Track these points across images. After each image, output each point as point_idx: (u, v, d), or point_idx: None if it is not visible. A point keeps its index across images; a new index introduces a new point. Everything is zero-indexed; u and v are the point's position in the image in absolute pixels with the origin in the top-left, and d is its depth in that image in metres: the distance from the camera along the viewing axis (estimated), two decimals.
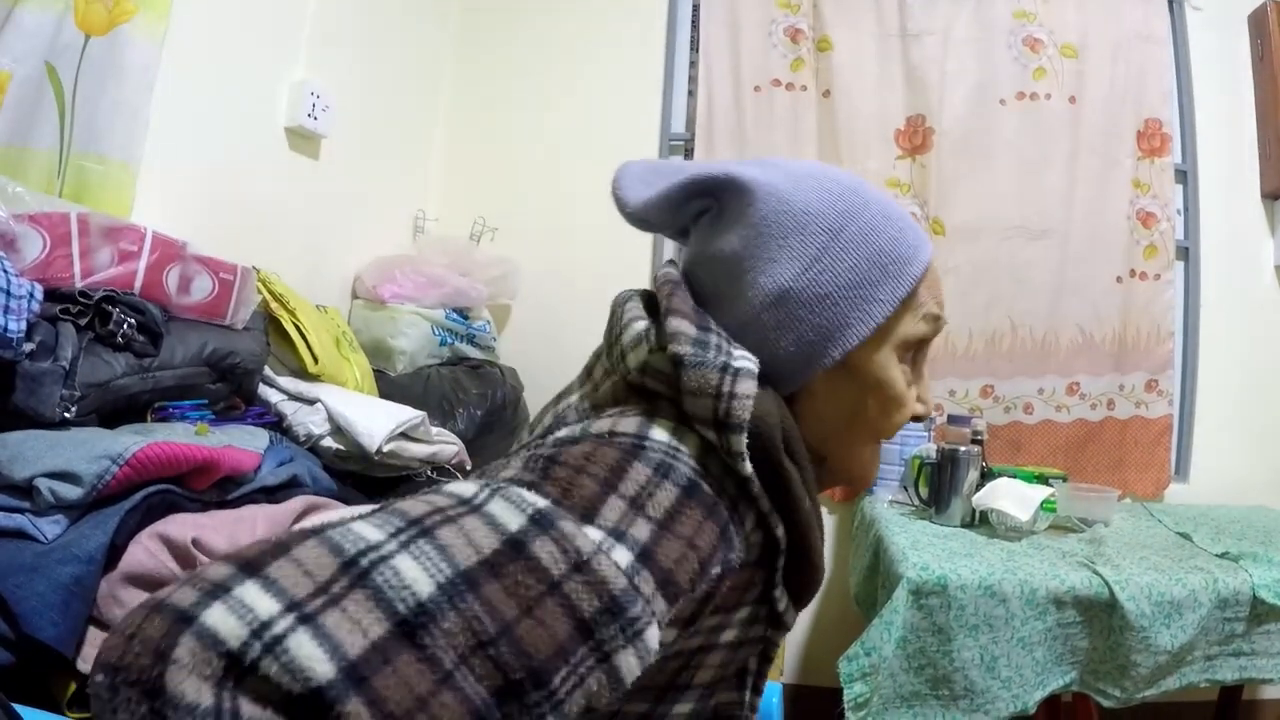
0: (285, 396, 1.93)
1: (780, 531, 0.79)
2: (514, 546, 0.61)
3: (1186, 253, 3.08)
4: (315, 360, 2.05)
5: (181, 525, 1.32)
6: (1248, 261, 3.06)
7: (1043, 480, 2.46)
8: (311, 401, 1.92)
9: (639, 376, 0.81)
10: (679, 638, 0.72)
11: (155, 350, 1.55)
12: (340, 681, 0.50)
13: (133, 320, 1.51)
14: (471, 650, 0.55)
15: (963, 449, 2.38)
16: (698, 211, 0.89)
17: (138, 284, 1.58)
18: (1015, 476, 2.40)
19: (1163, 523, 2.56)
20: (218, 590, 0.52)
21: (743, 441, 0.73)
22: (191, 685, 0.48)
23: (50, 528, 1.22)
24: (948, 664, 1.86)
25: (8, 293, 1.27)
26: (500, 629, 0.57)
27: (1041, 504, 2.26)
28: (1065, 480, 2.58)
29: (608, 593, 0.61)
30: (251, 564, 0.54)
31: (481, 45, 3.33)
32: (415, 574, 0.56)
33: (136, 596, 1.24)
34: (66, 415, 1.37)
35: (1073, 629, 1.90)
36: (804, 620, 3.12)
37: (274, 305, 2.05)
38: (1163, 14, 3.06)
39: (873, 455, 0.93)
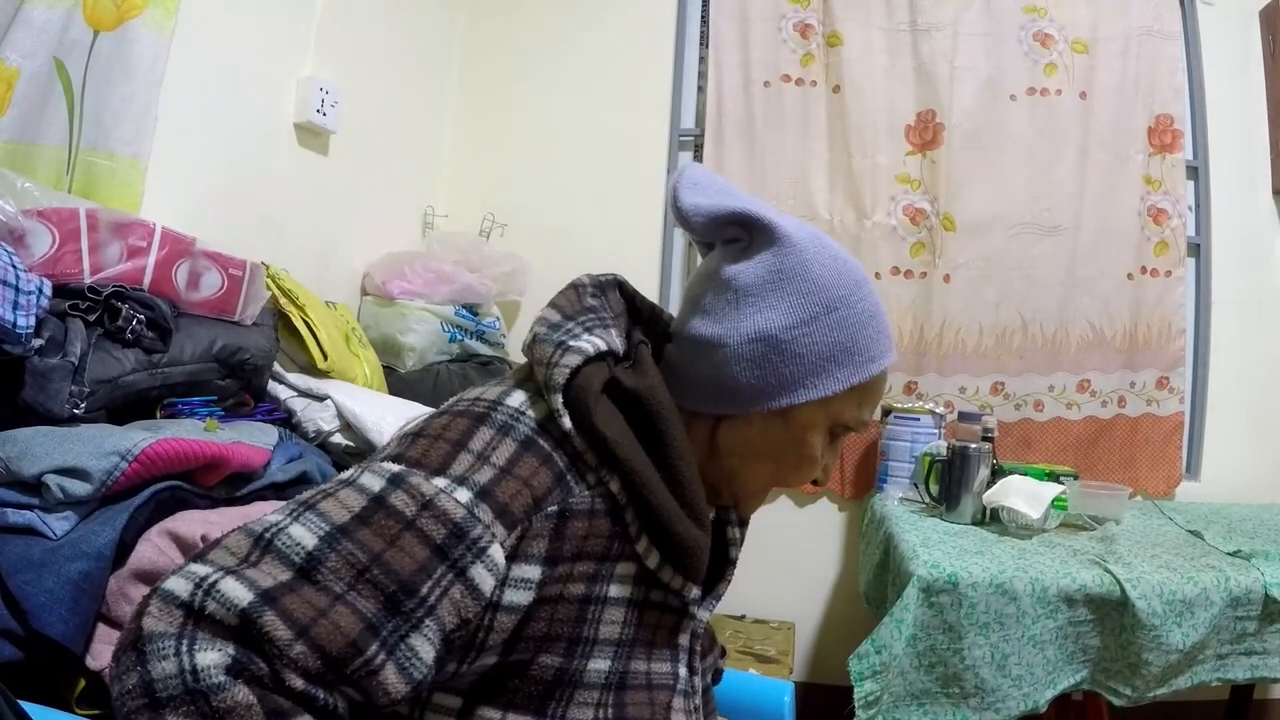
0: (295, 393, 1.92)
1: (615, 486, 0.91)
2: (376, 501, 0.82)
3: (1198, 249, 3.06)
4: (325, 356, 2.05)
5: (190, 522, 1.32)
6: (1259, 258, 3.05)
7: (1054, 478, 2.45)
8: (321, 398, 1.91)
9: (526, 351, 0.98)
10: (550, 577, 0.87)
11: (164, 346, 1.55)
12: (257, 603, 0.72)
13: (142, 316, 1.51)
14: (355, 578, 0.77)
15: (973, 446, 2.37)
16: (731, 237, 1.00)
17: (147, 280, 1.58)
18: (1026, 474, 2.39)
19: (1174, 521, 2.55)
20: (174, 571, 0.76)
21: (558, 400, 0.90)
22: (159, 625, 0.71)
23: (59, 524, 1.22)
24: (958, 662, 1.85)
25: (16, 288, 1.27)
26: (371, 559, 0.78)
27: (1052, 501, 2.26)
28: (1076, 478, 2.57)
29: (451, 521, 0.81)
30: (197, 555, 0.78)
31: (490, 41, 3.33)
32: (302, 534, 0.79)
33: (145, 593, 1.24)
34: (75, 411, 1.36)
35: (1084, 627, 1.90)
36: (814, 618, 3.12)
37: (283, 301, 2.05)
38: (1174, 9, 3.05)
39: (762, 495, 1.08)
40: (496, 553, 0.83)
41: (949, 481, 2.40)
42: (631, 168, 3.21)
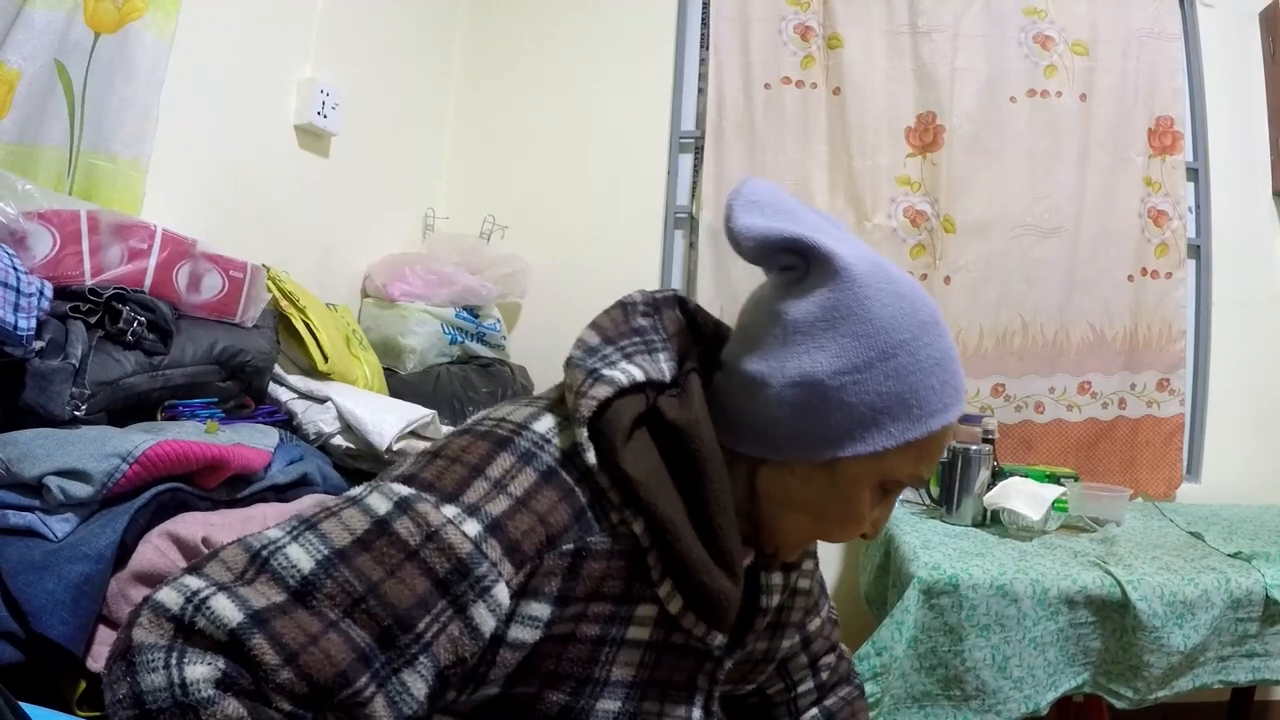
0: (295, 395, 1.92)
1: (639, 528, 0.85)
2: (380, 525, 0.78)
3: (1198, 251, 3.06)
4: (325, 358, 2.05)
5: (191, 524, 1.32)
6: (1259, 260, 3.05)
7: (1054, 480, 2.45)
8: (321, 400, 1.91)
9: (565, 372, 0.92)
10: (560, 616, 0.82)
11: (165, 348, 1.55)
12: (247, 624, 0.70)
13: (142, 318, 1.51)
14: (351, 607, 0.74)
15: (974, 448, 2.37)
16: (786, 265, 0.90)
17: (147, 282, 1.58)
18: (1027, 476, 2.39)
19: (1174, 522, 2.55)
20: (167, 582, 0.74)
21: (583, 434, 0.84)
22: (149, 636, 0.70)
23: (60, 526, 1.22)
24: (959, 664, 1.85)
25: (18, 290, 1.27)
26: (368, 589, 0.75)
27: (1053, 503, 2.25)
28: (1077, 480, 2.57)
29: (456, 556, 0.77)
30: (193, 566, 0.77)
31: (490, 43, 3.32)
32: (300, 556, 0.76)
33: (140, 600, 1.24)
34: (76, 413, 1.36)
35: (1085, 629, 1.90)
36: None
37: (284, 303, 2.04)
38: (1174, 11, 3.05)
39: (803, 545, 1.01)
40: (501, 592, 0.78)
41: (949, 483, 2.40)
42: (632, 170, 3.20)
